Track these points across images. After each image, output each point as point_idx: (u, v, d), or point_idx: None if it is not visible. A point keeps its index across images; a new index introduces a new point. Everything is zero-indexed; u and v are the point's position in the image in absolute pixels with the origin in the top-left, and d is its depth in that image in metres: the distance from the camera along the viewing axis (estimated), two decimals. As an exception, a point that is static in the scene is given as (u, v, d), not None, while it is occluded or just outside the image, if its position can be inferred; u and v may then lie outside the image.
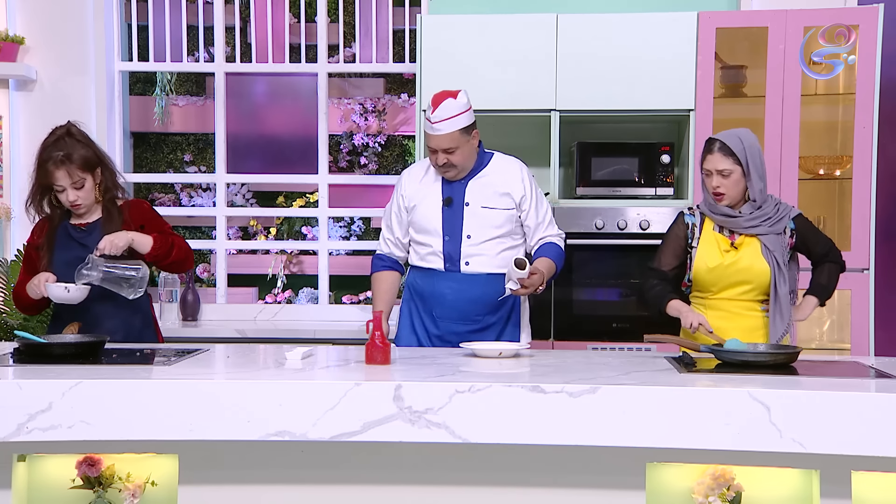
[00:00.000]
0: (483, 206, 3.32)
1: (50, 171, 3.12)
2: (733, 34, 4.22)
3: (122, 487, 2.54)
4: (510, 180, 3.36)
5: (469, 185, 3.35)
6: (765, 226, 3.07)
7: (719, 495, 2.43)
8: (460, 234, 3.32)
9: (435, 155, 3.28)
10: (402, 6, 4.91)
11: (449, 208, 3.33)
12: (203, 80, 5.33)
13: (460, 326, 3.33)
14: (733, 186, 3.07)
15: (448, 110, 3.22)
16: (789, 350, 2.77)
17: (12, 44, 4.63)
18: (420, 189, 3.40)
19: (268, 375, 2.49)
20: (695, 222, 3.18)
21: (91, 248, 3.13)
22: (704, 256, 3.13)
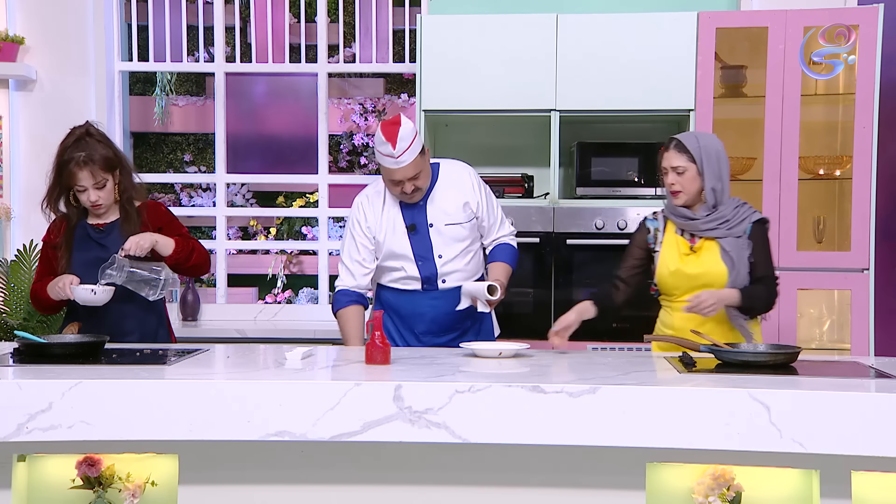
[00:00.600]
0: (447, 224, 3.32)
1: (73, 172, 3.12)
2: (733, 34, 4.22)
3: (122, 487, 2.54)
4: (463, 189, 3.35)
5: (428, 208, 3.33)
6: (722, 228, 3.08)
7: (719, 495, 2.43)
8: (432, 255, 3.32)
9: (399, 185, 3.23)
10: (402, 6, 4.91)
11: (414, 234, 3.31)
12: (203, 81, 5.34)
13: (441, 338, 3.36)
14: (689, 184, 3.07)
15: (406, 139, 3.16)
16: (789, 350, 2.77)
17: (12, 44, 4.63)
18: (381, 218, 3.34)
19: (268, 375, 2.49)
20: (657, 227, 3.20)
21: (110, 249, 3.14)
22: (666, 260, 3.14)
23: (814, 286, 4.18)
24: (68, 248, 3.19)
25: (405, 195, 3.27)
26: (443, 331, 3.37)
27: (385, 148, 3.17)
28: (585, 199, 4.24)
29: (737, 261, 3.04)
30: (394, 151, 3.16)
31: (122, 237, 3.17)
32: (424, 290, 3.34)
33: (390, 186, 3.28)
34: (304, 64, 5.00)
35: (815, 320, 4.42)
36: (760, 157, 4.16)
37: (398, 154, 3.16)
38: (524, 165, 4.50)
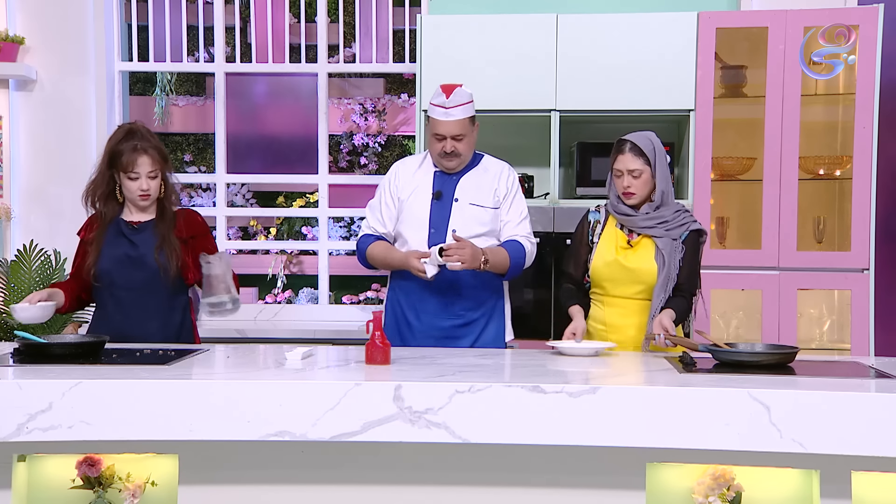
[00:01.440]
0: (472, 203, 3.32)
1: (132, 159, 3.14)
2: (733, 34, 4.22)
3: (122, 487, 2.54)
4: (498, 179, 3.37)
5: (460, 182, 3.35)
6: (660, 228, 3.10)
7: (719, 495, 2.43)
8: (446, 227, 3.30)
9: (442, 142, 3.27)
10: (402, 6, 4.91)
11: (438, 202, 3.32)
12: (203, 81, 5.33)
13: (443, 321, 3.32)
14: (643, 186, 3.11)
15: (461, 97, 3.26)
16: (786, 350, 2.77)
17: (12, 44, 4.63)
18: (412, 181, 3.38)
19: (268, 375, 2.49)
20: (598, 219, 3.23)
21: (139, 247, 3.17)
22: (602, 252, 3.16)
23: (814, 286, 4.18)
24: (99, 244, 3.20)
25: (444, 156, 3.29)
26: (446, 315, 3.31)
27: (439, 98, 3.26)
28: (585, 199, 4.24)
29: (668, 261, 3.07)
30: (446, 101, 3.25)
31: (154, 237, 3.18)
32: None
33: (432, 144, 3.31)
34: (304, 64, 5.00)
35: (816, 320, 4.42)
36: (760, 157, 4.16)
37: (450, 105, 3.24)
38: (524, 165, 4.50)
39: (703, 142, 4.13)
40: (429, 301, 3.32)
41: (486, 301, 3.35)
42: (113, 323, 3.17)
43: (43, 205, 4.78)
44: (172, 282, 3.19)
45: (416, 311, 3.34)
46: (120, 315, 3.18)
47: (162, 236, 3.18)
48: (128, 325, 3.14)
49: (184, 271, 3.20)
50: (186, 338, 3.26)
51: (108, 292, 3.21)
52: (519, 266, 3.33)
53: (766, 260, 4.11)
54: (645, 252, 3.11)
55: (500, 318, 3.42)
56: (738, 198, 4.38)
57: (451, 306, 3.32)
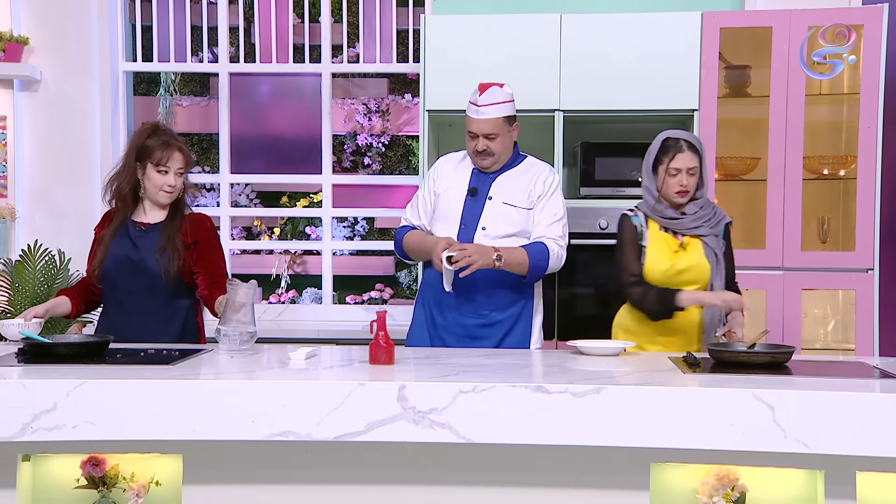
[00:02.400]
0: (504, 202, 3.29)
1: (167, 153, 3.16)
2: (737, 34, 4.22)
3: (127, 487, 2.54)
4: (536, 180, 3.32)
5: (497, 180, 3.33)
6: (706, 227, 3.14)
7: (724, 496, 2.43)
8: (476, 225, 3.28)
9: (475, 140, 3.27)
10: (406, 6, 4.91)
11: (472, 199, 3.31)
12: (207, 81, 5.34)
13: (467, 319, 3.29)
14: (695, 184, 3.14)
15: (495, 96, 3.24)
16: (784, 349, 2.75)
17: (17, 44, 4.64)
18: (450, 176, 3.39)
19: (272, 375, 2.50)
20: (641, 223, 3.21)
21: (141, 250, 3.18)
22: (655, 257, 3.15)
23: (818, 286, 4.18)
24: (106, 245, 3.22)
25: (477, 154, 3.29)
26: (469, 312, 3.28)
27: (473, 96, 3.26)
28: (589, 200, 4.24)
29: (719, 259, 3.11)
30: (478, 99, 3.24)
31: (161, 237, 3.19)
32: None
33: (467, 141, 3.32)
34: (307, 64, 5.00)
35: (820, 320, 4.41)
36: (765, 157, 4.15)
37: (482, 104, 3.23)
38: (528, 165, 4.50)
39: (707, 142, 4.11)
40: (453, 298, 3.28)
41: (513, 303, 3.30)
42: (115, 325, 3.19)
43: (47, 205, 4.79)
44: (174, 285, 3.19)
45: (441, 307, 3.33)
46: (122, 317, 3.19)
47: (167, 237, 3.19)
48: (129, 327, 3.16)
49: (185, 275, 3.20)
50: (191, 340, 3.27)
51: (111, 294, 3.22)
52: (541, 268, 3.25)
53: (771, 260, 4.11)
54: (696, 251, 3.13)
55: (527, 323, 3.35)
56: (742, 198, 4.37)
57: (475, 304, 3.28)
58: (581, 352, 2.94)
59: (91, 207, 4.77)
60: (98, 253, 3.23)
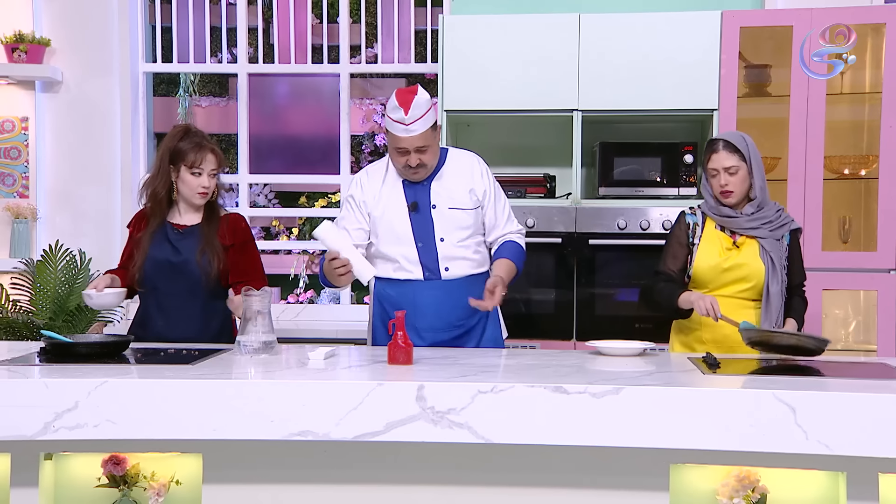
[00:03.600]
0: (451, 208, 3.18)
1: (201, 155, 3.17)
2: (757, 33, 4.19)
3: (147, 486, 2.55)
4: (471, 176, 3.24)
5: (433, 187, 3.20)
6: (765, 229, 3.10)
7: (744, 497, 2.41)
8: (433, 238, 3.18)
9: (406, 157, 3.11)
10: (424, 6, 4.91)
11: (416, 213, 3.18)
12: (226, 81, 5.37)
13: (444, 334, 3.19)
14: (740, 184, 3.10)
15: (420, 108, 3.06)
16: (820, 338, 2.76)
17: (38, 46, 4.68)
18: (380, 194, 3.22)
19: (291, 375, 2.50)
20: (696, 221, 3.20)
21: (182, 253, 3.19)
22: (706, 254, 3.14)
23: (839, 287, 4.15)
24: (145, 248, 3.22)
25: (409, 169, 3.13)
26: (447, 327, 3.19)
27: (397, 113, 3.06)
28: (608, 200, 4.22)
29: (776, 261, 3.07)
30: (405, 117, 3.05)
31: (200, 239, 3.21)
32: (426, 280, 3.17)
33: (395, 157, 3.15)
34: (326, 64, 5.01)
35: (841, 321, 4.38)
36: (785, 156, 4.12)
37: (409, 121, 3.05)
38: (546, 165, 4.49)
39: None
40: (428, 318, 3.18)
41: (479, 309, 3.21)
42: (155, 327, 3.21)
43: (68, 205, 4.83)
44: (213, 286, 3.21)
45: (416, 330, 3.16)
46: (162, 319, 3.22)
47: (206, 240, 3.20)
48: (169, 329, 3.18)
49: (223, 276, 3.21)
50: (227, 341, 3.27)
51: (152, 297, 3.24)
52: (521, 268, 3.26)
53: (791, 260, 4.08)
54: (751, 252, 3.10)
55: (496, 320, 3.32)
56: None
57: (451, 318, 3.20)
58: (600, 352, 2.93)
59: (111, 208, 4.81)
60: (137, 257, 3.23)
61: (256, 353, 2.78)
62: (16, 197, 4.80)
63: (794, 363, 2.79)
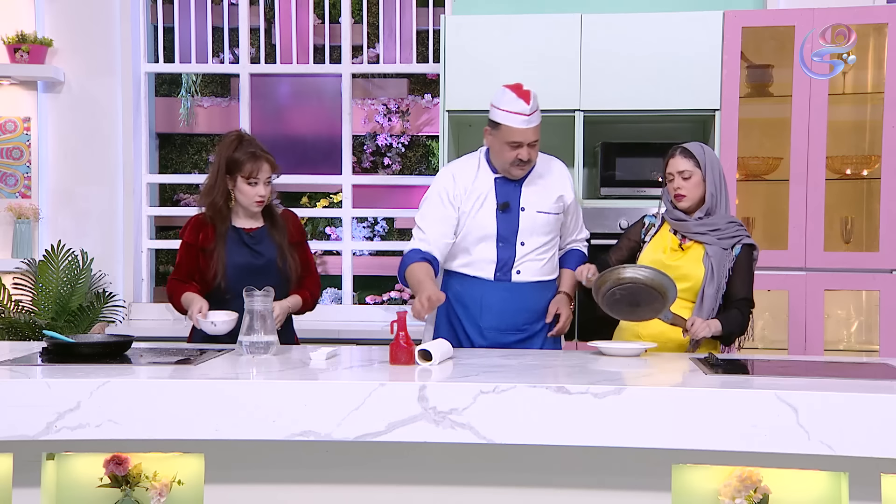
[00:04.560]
0: (539, 211, 3.21)
1: (257, 165, 3.17)
2: (759, 33, 4.19)
3: (149, 486, 2.56)
4: (561, 183, 3.28)
5: (523, 188, 3.22)
6: (712, 235, 3.11)
7: (746, 497, 2.41)
8: (515, 240, 3.20)
9: (517, 150, 3.11)
10: (426, 6, 4.91)
11: (504, 213, 3.19)
12: (228, 82, 5.37)
13: (508, 336, 3.21)
14: (693, 189, 3.12)
15: (537, 102, 3.12)
16: None
17: (41, 46, 4.68)
18: (473, 192, 3.21)
19: (293, 375, 2.50)
20: (654, 223, 3.24)
21: (263, 255, 3.21)
22: (651, 250, 3.18)
23: (841, 287, 4.14)
24: (221, 254, 3.19)
25: (518, 163, 3.13)
26: (510, 329, 3.21)
27: (517, 105, 3.07)
28: (610, 200, 4.22)
29: (716, 269, 3.06)
30: (527, 108, 3.07)
31: (272, 243, 3.23)
32: (496, 280, 3.19)
33: (504, 152, 3.12)
34: (328, 65, 5.01)
35: (843, 321, 4.38)
36: (787, 156, 4.12)
37: (530, 112, 3.08)
38: (548, 165, 4.49)
39: (729, 142, 4.10)
40: (489, 315, 3.20)
41: (545, 313, 3.27)
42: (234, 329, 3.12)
43: (70, 205, 4.83)
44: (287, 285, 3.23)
45: (478, 326, 3.21)
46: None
47: (280, 246, 3.23)
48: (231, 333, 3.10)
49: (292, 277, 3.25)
50: (289, 338, 3.30)
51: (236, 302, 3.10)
52: None
53: (793, 260, 4.08)
54: (694, 255, 3.11)
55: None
56: (765, 198, 4.35)
57: (516, 321, 3.22)
58: (602, 352, 2.93)
59: (113, 208, 4.81)
60: (214, 265, 3.18)
61: (258, 354, 2.78)
62: (18, 197, 4.80)
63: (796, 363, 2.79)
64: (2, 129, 4.79)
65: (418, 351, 2.67)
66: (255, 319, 2.79)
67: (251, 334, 2.79)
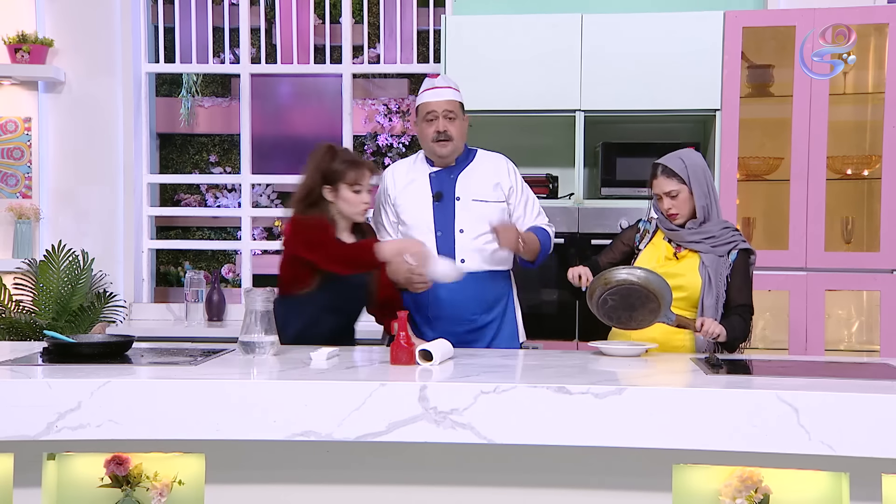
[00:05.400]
0: (475, 200, 3.28)
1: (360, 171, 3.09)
2: (760, 33, 4.19)
3: (150, 486, 2.56)
4: (497, 172, 3.35)
5: (459, 179, 3.31)
6: (706, 244, 3.09)
7: (746, 497, 2.41)
8: (453, 229, 3.26)
9: (434, 122, 3.25)
10: (427, 7, 4.91)
11: (439, 203, 3.27)
12: (228, 82, 5.37)
13: (457, 327, 3.24)
14: (683, 205, 3.10)
15: (449, 81, 3.33)
16: None
17: (41, 46, 4.68)
18: (407, 185, 3.32)
19: (293, 376, 2.50)
20: (648, 228, 3.22)
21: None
22: (646, 259, 3.15)
23: (842, 287, 4.14)
24: None
25: (437, 139, 3.24)
26: (459, 320, 3.26)
27: (427, 82, 3.31)
28: (610, 200, 4.22)
29: (714, 277, 3.04)
30: (436, 81, 3.29)
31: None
32: None
33: (424, 130, 3.29)
34: (328, 65, 5.02)
35: (844, 322, 4.38)
36: (788, 156, 4.12)
37: (439, 85, 3.29)
38: (549, 166, 4.49)
39: (730, 142, 4.10)
40: (441, 308, 3.26)
41: (495, 304, 3.32)
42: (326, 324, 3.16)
43: (71, 205, 4.83)
44: None
45: (428, 320, 3.28)
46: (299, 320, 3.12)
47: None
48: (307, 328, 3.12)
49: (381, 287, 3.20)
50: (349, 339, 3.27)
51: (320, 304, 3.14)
52: (547, 250, 3.34)
53: (794, 260, 4.08)
54: (690, 264, 3.09)
55: (512, 320, 3.38)
56: (765, 198, 4.35)
57: (463, 311, 3.26)
58: (602, 353, 2.93)
59: (114, 208, 4.81)
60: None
61: (259, 354, 2.78)
62: (19, 197, 4.80)
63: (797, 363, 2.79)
64: (2, 129, 4.79)
65: (419, 351, 2.67)
66: (255, 319, 2.79)
67: (252, 334, 2.79)
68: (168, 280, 5.40)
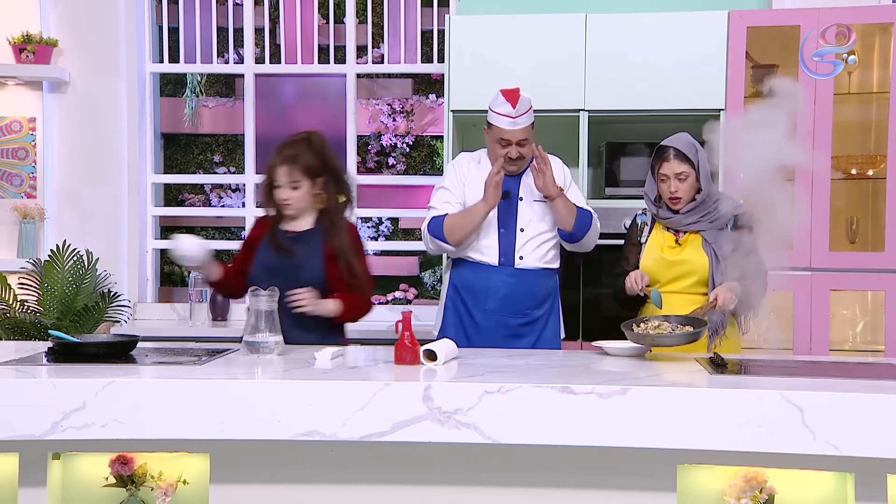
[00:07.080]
0: (536, 200, 3.46)
1: (273, 165, 3.20)
2: (764, 33, 4.18)
3: (155, 486, 2.56)
4: (555, 174, 3.46)
5: (522, 180, 3.48)
6: (704, 221, 3.16)
7: (751, 498, 2.41)
8: (515, 227, 3.44)
9: (507, 148, 3.40)
10: (431, 7, 4.91)
11: (504, 202, 3.43)
12: (232, 82, 5.37)
13: (511, 320, 3.43)
14: (689, 190, 3.18)
15: (526, 105, 3.40)
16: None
17: (46, 46, 4.69)
18: (476, 178, 3.46)
19: (297, 376, 2.50)
20: (646, 221, 3.31)
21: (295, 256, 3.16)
22: (650, 249, 3.22)
23: (847, 287, 4.14)
24: (253, 248, 3.26)
25: (508, 161, 3.39)
26: (513, 313, 3.43)
27: (504, 108, 3.38)
28: (614, 200, 4.22)
29: (718, 252, 3.09)
30: (513, 111, 3.37)
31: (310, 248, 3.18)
32: (500, 265, 3.43)
33: (495, 150, 3.42)
34: (332, 65, 5.02)
35: (849, 322, 4.37)
36: (792, 156, 4.11)
37: (516, 115, 3.37)
38: (553, 165, 4.48)
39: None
40: (495, 298, 3.42)
41: (545, 299, 3.49)
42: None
43: (75, 205, 4.84)
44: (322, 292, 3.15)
45: (482, 309, 3.43)
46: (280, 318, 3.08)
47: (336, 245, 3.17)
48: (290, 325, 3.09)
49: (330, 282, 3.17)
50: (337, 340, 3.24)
51: None
52: (585, 225, 3.42)
53: (798, 260, 4.07)
54: (693, 246, 3.16)
55: (557, 316, 3.57)
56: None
57: (520, 305, 3.43)
58: (606, 352, 2.93)
59: (118, 208, 4.82)
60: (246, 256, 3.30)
61: (263, 354, 2.79)
62: (23, 197, 4.81)
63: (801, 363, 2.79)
64: (7, 129, 4.80)
65: (423, 351, 2.67)
66: (260, 319, 2.79)
67: (256, 334, 2.79)
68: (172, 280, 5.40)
